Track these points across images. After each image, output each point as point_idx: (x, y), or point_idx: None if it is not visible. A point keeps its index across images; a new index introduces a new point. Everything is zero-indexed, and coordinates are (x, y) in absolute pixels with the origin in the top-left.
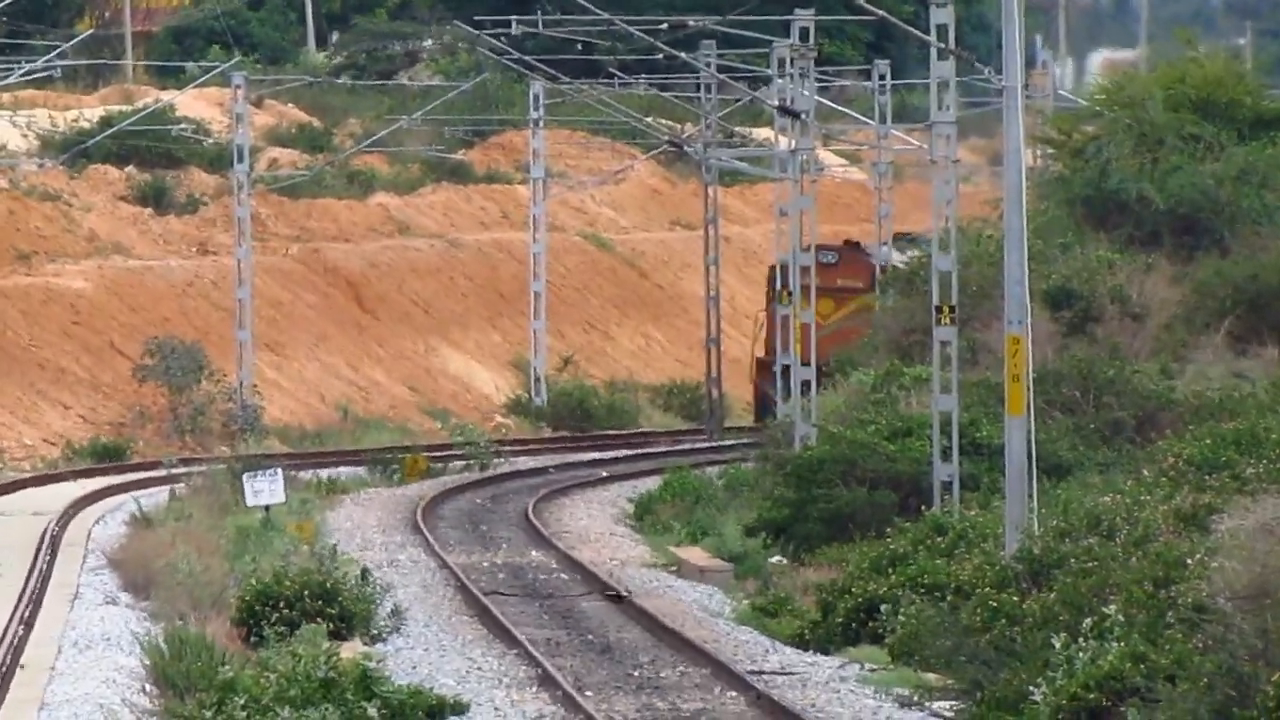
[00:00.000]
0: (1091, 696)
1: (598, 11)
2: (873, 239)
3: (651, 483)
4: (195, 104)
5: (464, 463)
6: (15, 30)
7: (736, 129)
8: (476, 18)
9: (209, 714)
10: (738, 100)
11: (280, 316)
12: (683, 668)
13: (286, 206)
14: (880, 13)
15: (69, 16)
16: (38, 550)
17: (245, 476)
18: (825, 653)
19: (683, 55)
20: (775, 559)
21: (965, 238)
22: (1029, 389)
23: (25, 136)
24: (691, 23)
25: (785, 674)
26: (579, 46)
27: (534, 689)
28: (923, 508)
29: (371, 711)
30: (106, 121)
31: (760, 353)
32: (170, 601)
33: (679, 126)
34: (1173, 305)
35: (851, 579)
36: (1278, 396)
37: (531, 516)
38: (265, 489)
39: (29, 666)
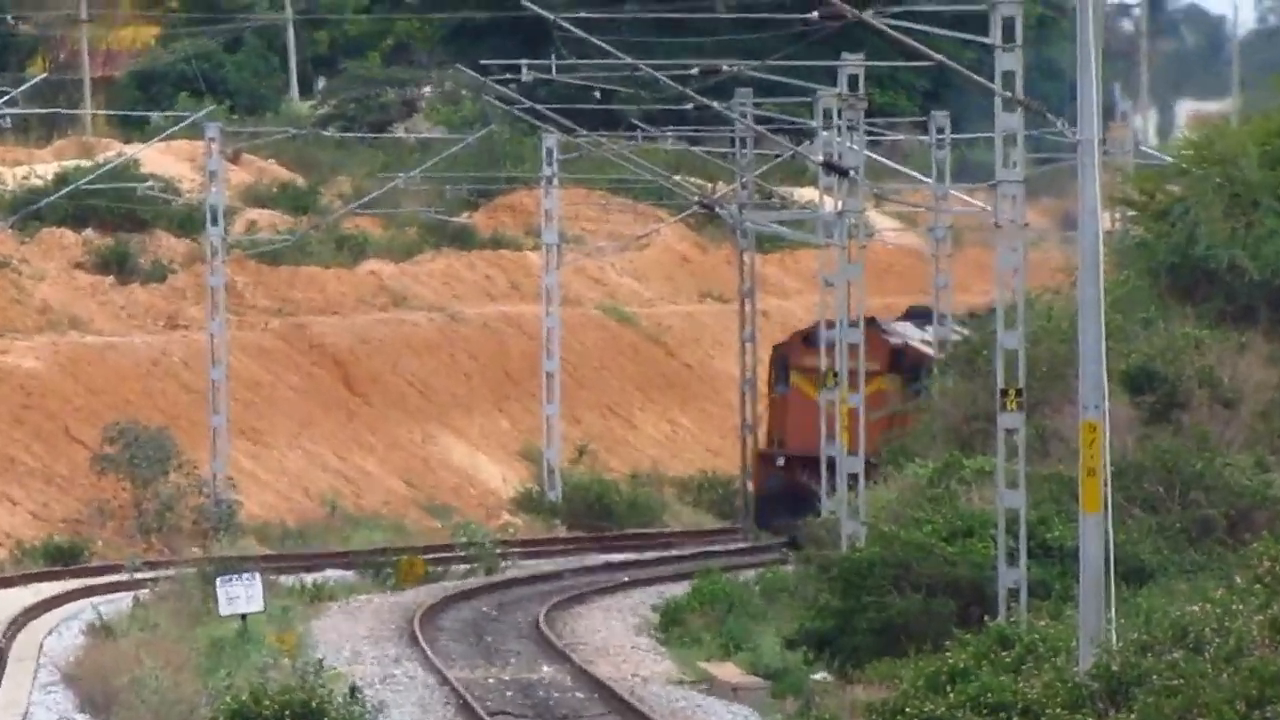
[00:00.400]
0: None
1: (619, 55)
2: (927, 312)
3: (679, 588)
4: (163, 159)
5: (467, 566)
6: None
7: (776, 188)
8: (482, 62)
9: None
10: (777, 156)
11: (259, 399)
12: None
13: (266, 275)
14: (939, 58)
15: (19, 59)
16: None
17: (219, 581)
18: None
19: (715, 105)
20: (819, 675)
21: (1034, 311)
22: (1106, 483)
23: None
24: (725, 67)
25: None
26: (597, 94)
27: None
28: (986, 617)
29: None
30: (62, 178)
31: (763, 445)
32: None
33: (710, 185)
34: (1269, 389)
35: (906, 698)
36: None
37: (543, 626)
38: (241, 595)
39: None
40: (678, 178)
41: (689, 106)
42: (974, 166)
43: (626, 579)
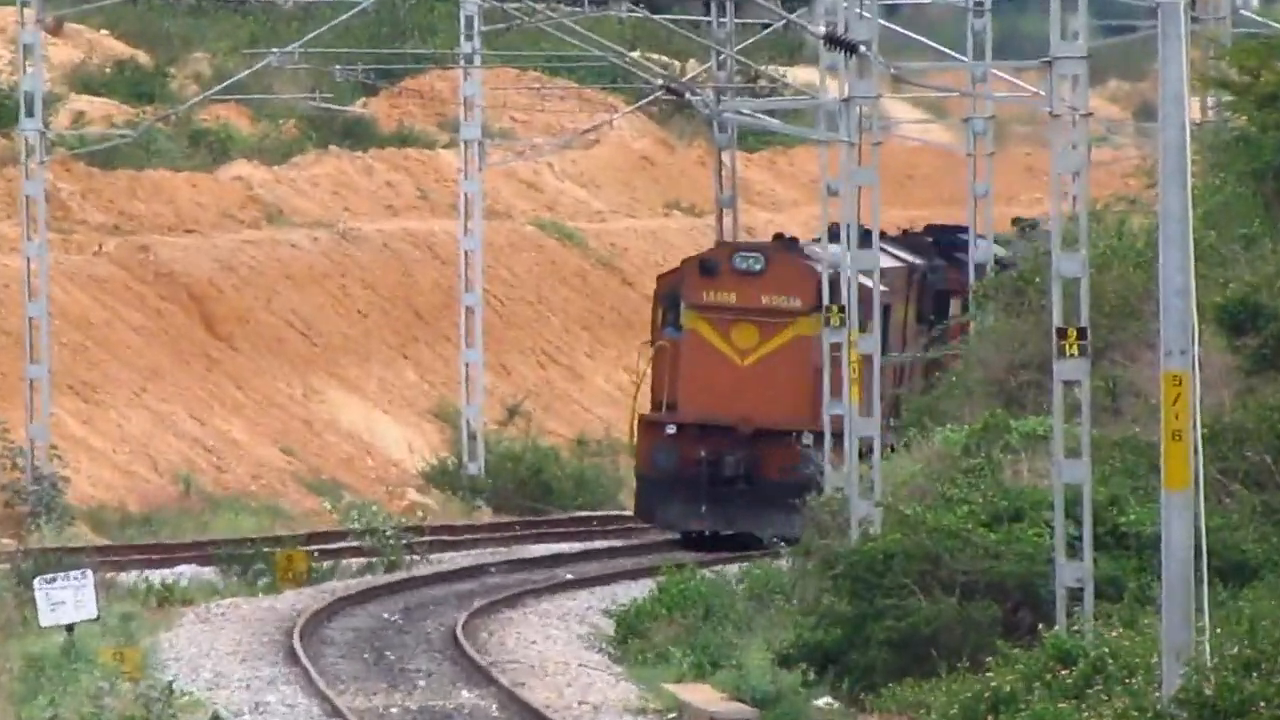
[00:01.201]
0: None
1: None
2: (961, 229)
3: (640, 588)
4: None
5: (363, 560)
6: None
7: (764, 68)
8: None
9: None
10: (766, 27)
11: (91, 344)
12: None
13: (99, 181)
14: None
15: None
16: None
17: (38, 581)
18: None
19: None
20: (822, 701)
21: (1101, 227)
22: (1196, 451)
23: None
24: None
25: None
26: None
27: None
28: (1040, 626)
29: None
30: None
31: (645, 408)
32: None
33: (679, 65)
34: None
35: None
36: None
37: (462, 639)
38: (68, 599)
39: None
40: (635, 54)
41: None
42: (1021, 40)
43: (570, 576)
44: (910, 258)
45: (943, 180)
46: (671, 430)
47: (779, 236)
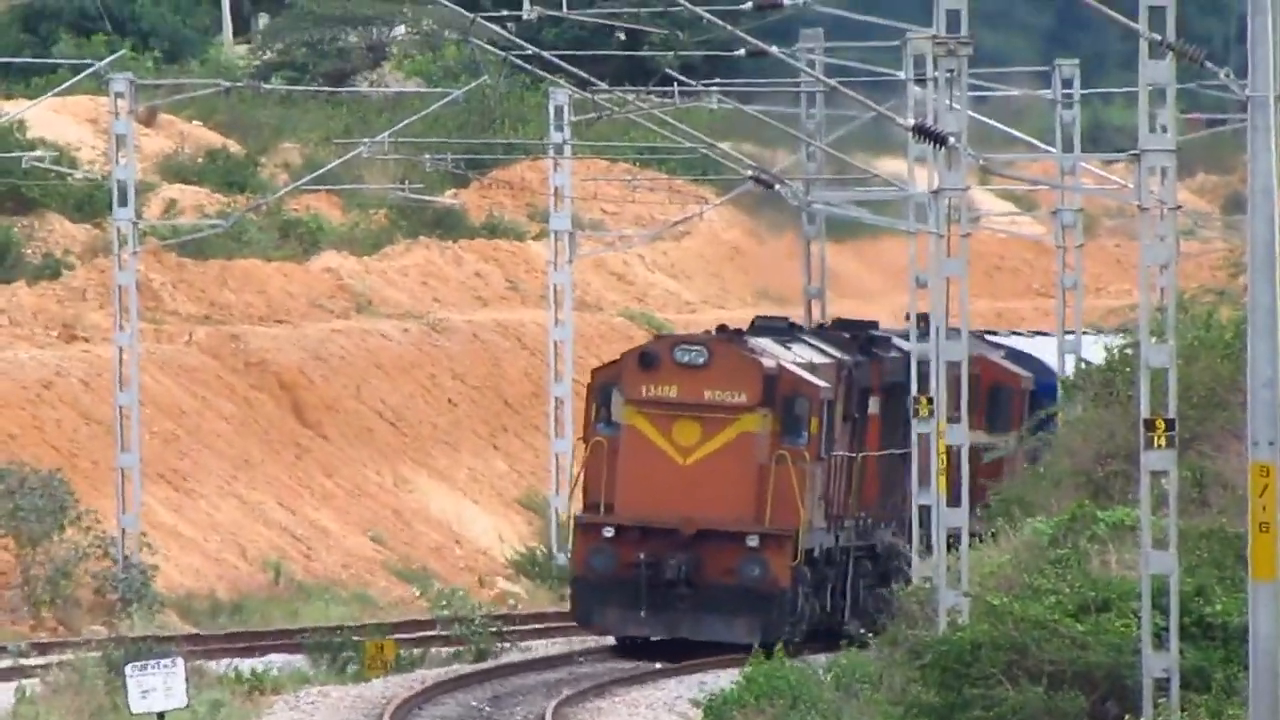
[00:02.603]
0: None
1: None
2: (1049, 321)
3: (727, 677)
4: (56, 120)
5: (452, 649)
6: None
7: (852, 160)
8: None
9: None
10: (854, 118)
11: (182, 433)
12: None
13: (190, 271)
14: None
15: None
16: None
17: (129, 669)
18: None
19: (775, 51)
20: None
21: (1189, 318)
22: None
23: None
24: (788, 1)
25: None
26: (621, 36)
27: None
28: (1126, 717)
29: None
30: None
31: (580, 508)
32: None
33: (769, 155)
34: None
35: None
36: None
37: None
38: (158, 687)
39: None
40: (726, 146)
41: (740, 53)
42: (1110, 132)
43: (659, 665)
44: (837, 353)
45: (1030, 272)
46: (609, 533)
47: (722, 328)
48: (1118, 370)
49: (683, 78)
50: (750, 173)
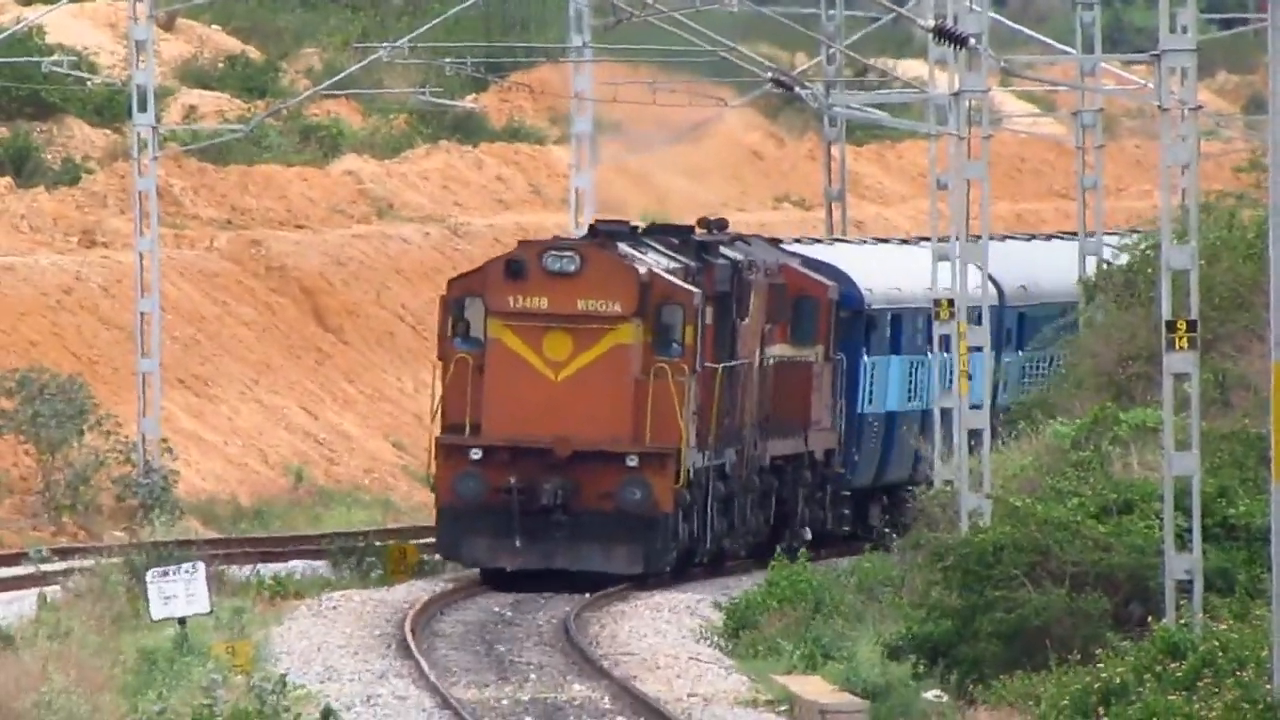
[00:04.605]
0: None
1: None
2: (1074, 222)
3: (749, 580)
4: (74, 25)
5: None
6: None
7: (873, 62)
8: None
9: None
10: (875, 19)
11: (203, 338)
12: None
13: (211, 177)
14: None
15: None
16: None
17: (150, 574)
18: None
19: None
20: (932, 694)
21: (1210, 220)
22: None
23: None
24: None
25: None
26: None
27: None
28: (1149, 618)
29: None
30: None
31: (440, 429)
32: None
33: (788, 58)
34: None
35: None
36: None
37: (573, 631)
38: (180, 593)
39: None
40: (745, 48)
41: None
42: (1130, 32)
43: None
44: (681, 258)
45: (1051, 173)
46: (476, 455)
47: (598, 230)
48: (1139, 272)
49: None
50: (770, 75)
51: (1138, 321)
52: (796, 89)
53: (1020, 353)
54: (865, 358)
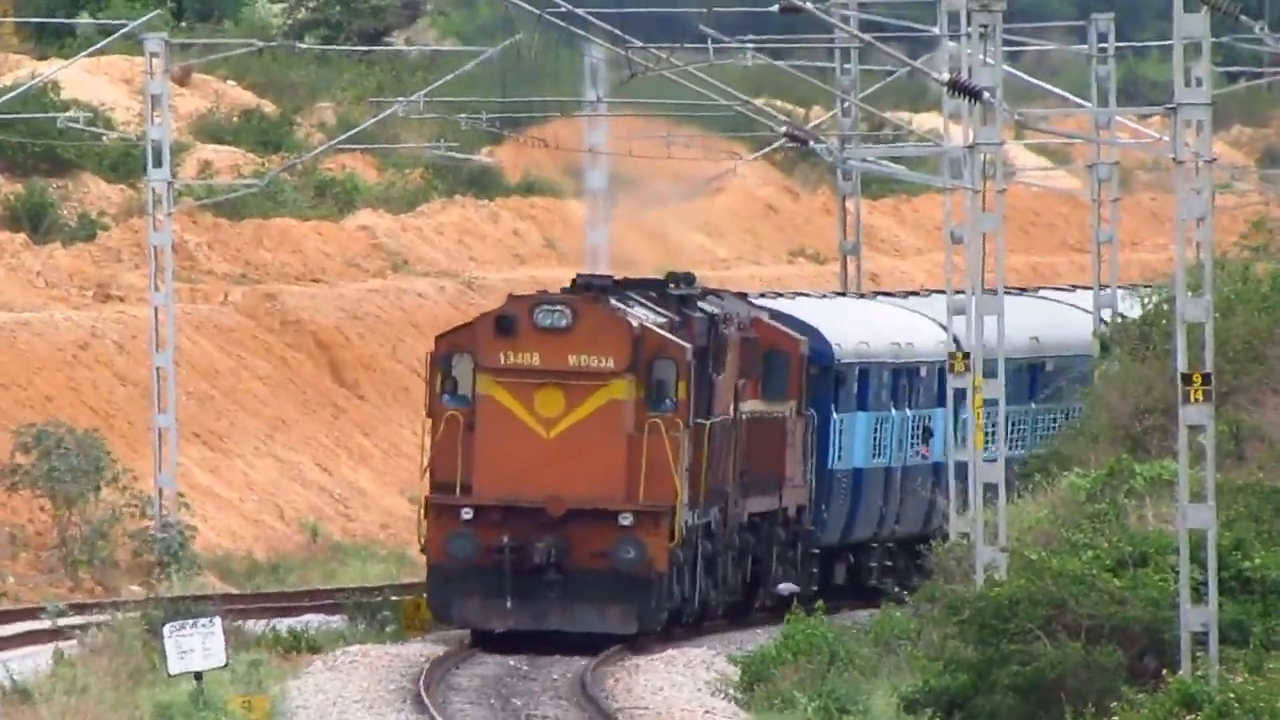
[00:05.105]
0: None
1: None
2: (1088, 276)
3: (765, 634)
4: (90, 81)
5: None
6: None
7: (888, 115)
8: None
9: None
10: (890, 73)
11: (218, 393)
12: None
13: (226, 231)
14: None
15: None
16: None
17: (167, 630)
18: None
19: (809, 6)
20: None
21: (1226, 273)
22: None
23: None
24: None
25: None
26: None
27: None
28: (1165, 671)
29: None
30: None
31: (429, 488)
32: None
33: (803, 112)
34: None
35: None
36: None
37: (589, 686)
38: (197, 648)
39: None
40: (760, 102)
41: (774, 8)
42: (1145, 86)
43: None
44: (665, 312)
45: (1065, 226)
46: (468, 515)
47: (587, 284)
48: (1154, 325)
49: (716, 33)
50: (784, 129)
51: (1153, 374)
52: (811, 143)
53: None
54: (835, 414)
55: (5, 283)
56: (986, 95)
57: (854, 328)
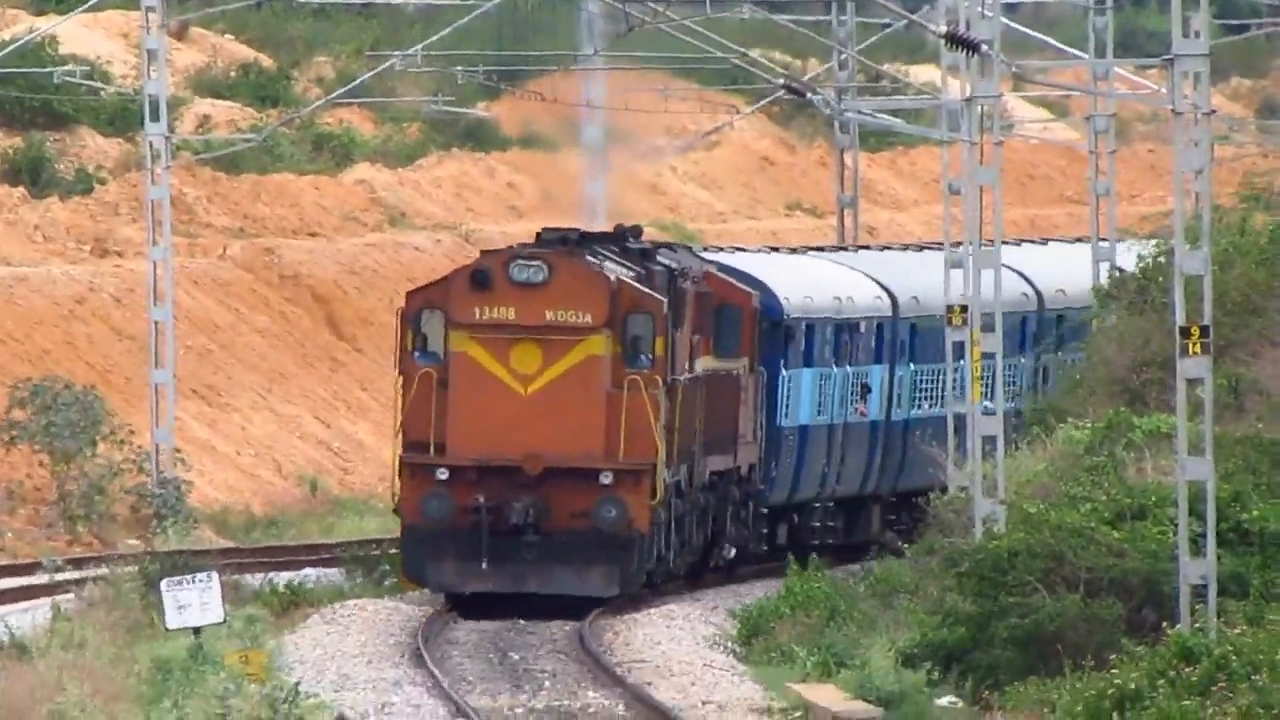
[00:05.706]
0: None
1: None
2: (1086, 228)
3: (763, 587)
4: (87, 35)
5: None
6: None
7: (885, 68)
8: None
9: None
10: (887, 26)
11: (216, 347)
12: None
13: (224, 185)
14: None
15: None
16: None
17: (164, 584)
18: None
19: None
20: (946, 700)
21: (1224, 225)
22: None
23: None
24: None
25: None
26: None
27: None
28: (1163, 624)
29: None
30: None
31: (402, 447)
32: None
33: (800, 64)
34: None
35: None
36: None
37: (588, 639)
38: (194, 602)
39: None
40: (756, 54)
41: None
42: (1143, 37)
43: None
44: (633, 265)
45: (1063, 179)
46: (443, 474)
47: (566, 237)
48: (1152, 278)
49: None
50: (781, 81)
51: (1151, 327)
52: (808, 95)
53: (913, 365)
54: (784, 370)
55: (3, 237)
56: (984, 47)
57: (799, 283)
